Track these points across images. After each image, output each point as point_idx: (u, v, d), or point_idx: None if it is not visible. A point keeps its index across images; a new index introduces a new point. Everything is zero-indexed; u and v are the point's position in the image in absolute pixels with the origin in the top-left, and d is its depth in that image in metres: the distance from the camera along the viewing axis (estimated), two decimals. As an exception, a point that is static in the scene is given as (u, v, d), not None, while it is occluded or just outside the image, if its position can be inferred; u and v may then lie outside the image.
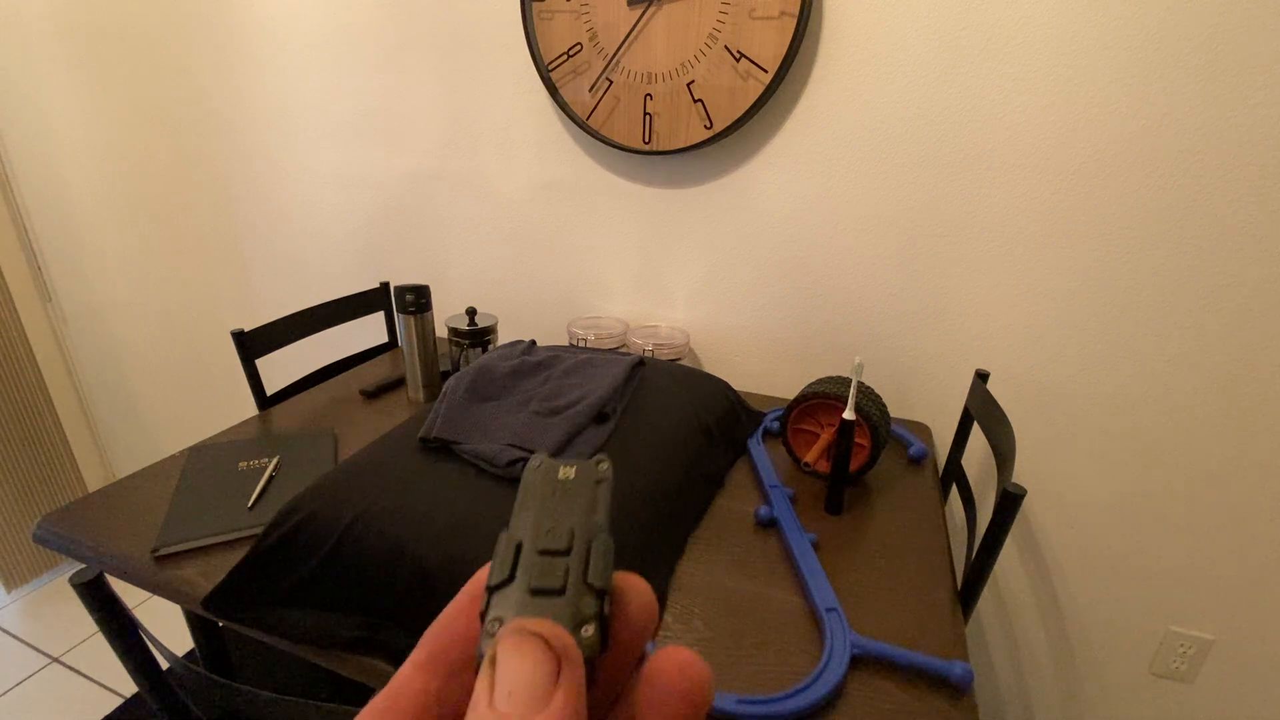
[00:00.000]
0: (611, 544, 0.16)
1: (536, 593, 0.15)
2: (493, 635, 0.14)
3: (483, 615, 0.15)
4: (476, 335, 1.11)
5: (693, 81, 1.06)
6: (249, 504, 0.79)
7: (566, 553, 0.16)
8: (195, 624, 0.93)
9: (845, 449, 0.80)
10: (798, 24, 0.97)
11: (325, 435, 0.97)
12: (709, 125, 1.08)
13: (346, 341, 1.51)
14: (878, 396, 0.93)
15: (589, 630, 0.15)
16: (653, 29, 1.06)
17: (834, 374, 1.07)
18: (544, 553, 0.16)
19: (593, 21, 1.09)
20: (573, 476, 0.18)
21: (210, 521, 0.76)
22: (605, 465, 0.18)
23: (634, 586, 0.16)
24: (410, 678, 0.16)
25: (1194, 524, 1.05)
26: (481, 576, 0.16)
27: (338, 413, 1.07)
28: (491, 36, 1.20)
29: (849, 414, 0.79)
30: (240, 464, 0.88)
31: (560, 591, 0.15)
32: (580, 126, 1.17)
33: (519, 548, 0.16)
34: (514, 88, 1.23)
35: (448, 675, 0.16)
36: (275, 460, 0.88)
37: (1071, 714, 1.26)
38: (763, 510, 0.81)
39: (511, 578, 0.15)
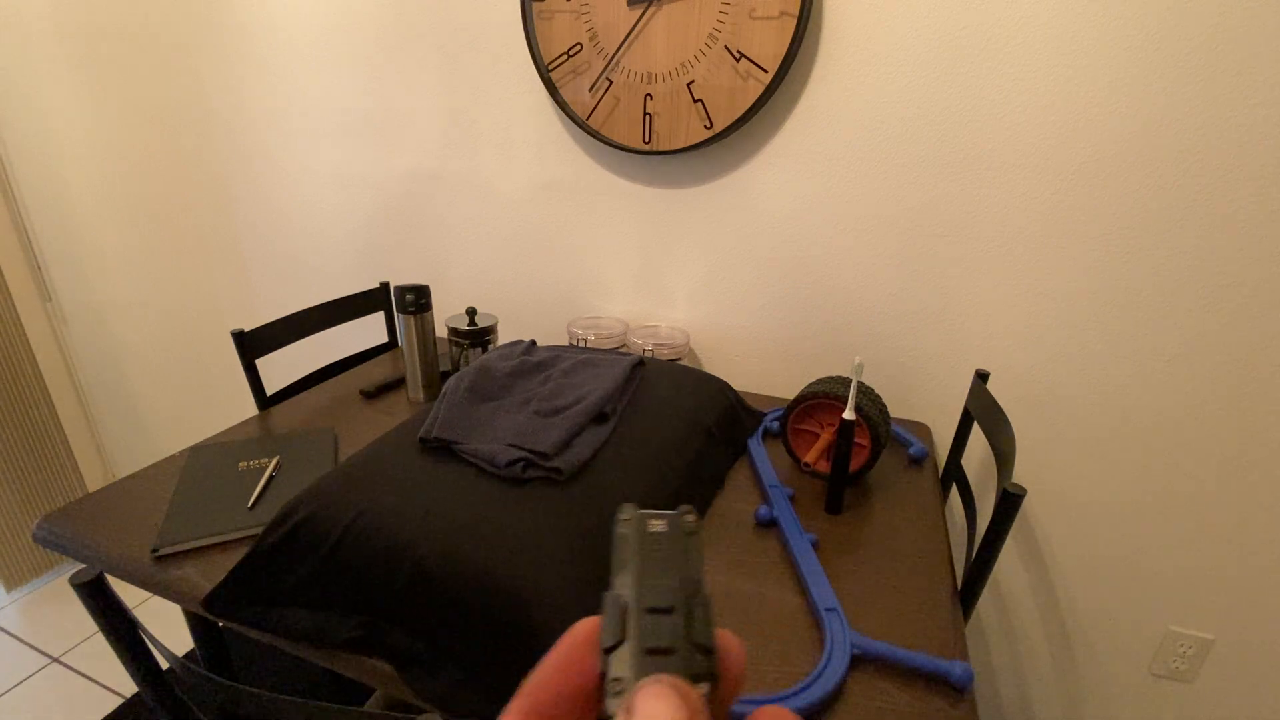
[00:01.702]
0: (711, 601, 0.17)
1: (651, 652, 0.16)
2: (619, 695, 0.15)
3: (602, 675, 0.16)
4: (476, 335, 1.11)
5: (693, 81, 1.06)
6: (249, 504, 0.79)
7: (671, 610, 0.17)
8: (195, 624, 0.93)
9: (845, 449, 0.80)
10: (798, 24, 0.97)
11: (325, 435, 0.97)
12: (709, 125, 1.08)
13: (346, 341, 1.51)
14: (878, 396, 0.93)
15: (704, 688, 0.15)
16: (653, 29, 1.06)
17: (834, 374, 1.07)
18: (651, 610, 0.17)
19: (593, 21, 1.09)
20: (664, 529, 0.19)
21: (210, 521, 0.76)
22: (692, 517, 0.19)
23: (730, 645, 0.17)
24: None
25: (1194, 524, 1.05)
26: (578, 631, 0.17)
27: (338, 413, 1.07)
28: (491, 36, 1.20)
29: (849, 414, 0.79)
30: (240, 464, 0.88)
31: (671, 651, 0.16)
32: (580, 126, 1.17)
33: (624, 608, 0.17)
34: (514, 88, 1.23)
35: None
36: (275, 460, 0.88)
37: (1071, 714, 1.26)
38: (763, 510, 0.81)
39: (623, 639, 0.16)
